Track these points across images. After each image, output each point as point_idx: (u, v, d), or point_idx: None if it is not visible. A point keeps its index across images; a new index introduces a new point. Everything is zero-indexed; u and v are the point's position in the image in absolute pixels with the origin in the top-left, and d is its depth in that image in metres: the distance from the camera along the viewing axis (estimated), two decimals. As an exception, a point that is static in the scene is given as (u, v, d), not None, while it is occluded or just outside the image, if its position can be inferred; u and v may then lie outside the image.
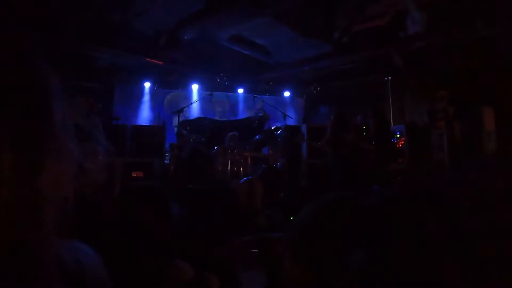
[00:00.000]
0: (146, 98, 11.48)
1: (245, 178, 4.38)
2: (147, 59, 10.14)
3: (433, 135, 7.34)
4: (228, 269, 3.02)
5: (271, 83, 12.04)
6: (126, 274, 1.99)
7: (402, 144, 7.44)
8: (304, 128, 8.92)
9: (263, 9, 8.03)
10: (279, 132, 9.27)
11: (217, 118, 11.98)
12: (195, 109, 11.43)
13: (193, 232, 3.69)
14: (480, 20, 7.83)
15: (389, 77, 10.41)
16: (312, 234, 1.05)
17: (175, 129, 9.75)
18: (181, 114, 9.13)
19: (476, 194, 0.61)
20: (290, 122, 10.09)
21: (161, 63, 10.41)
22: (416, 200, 0.70)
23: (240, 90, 12.17)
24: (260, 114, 10.71)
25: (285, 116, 9.63)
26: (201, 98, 11.07)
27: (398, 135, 7.58)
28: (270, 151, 9.36)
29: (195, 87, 11.71)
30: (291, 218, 6.21)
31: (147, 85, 11.39)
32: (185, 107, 9.73)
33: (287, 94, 12.56)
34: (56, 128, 0.72)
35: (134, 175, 7.85)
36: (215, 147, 8.76)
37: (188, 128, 9.13)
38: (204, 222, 3.81)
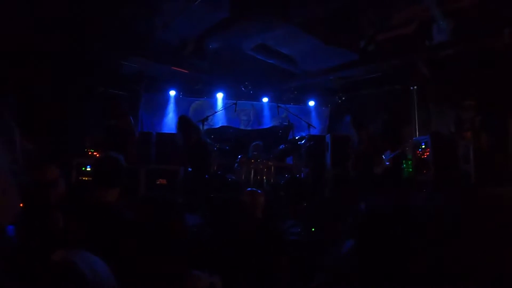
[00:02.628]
0: (172, 106, 11.59)
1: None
2: (173, 67, 10.25)
3: (459, 146, 7.23)
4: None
5: (296, 92, 12.03)
6: (144, 284, 2.02)
7: (427, 155, 7.32)
8: (328, 138, 8.88)
9: (289, 18, 8.04)
10: (303, 142, 9.25)
11: (241, 127, 12.02)
12: (219, 118, 11.50)
13: (212, 242, 3.70)
14: (507, 28, 7.71)
15: (415, 86, 10.30)
16: None
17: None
18: (206, 123, 9.17)
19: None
20: (314, 131, 10.05)
21: (186, 71, 10.51)
22: None
23: (265, 99, 12.18)
24: (285, 123, 10.71)
25: (309, 126, 9.61)
26: (226, 106, 11.10)
27: (423, 146, 7.46)
28: (294, 161, 9.35)
29: (220, 96, 11.77)
30: (312, 229, 6.18)
31: (172, 93, 11.51)
32: (210, 116, 9.79)
33: (312, 103, 12.52)
34: None
35: (158, 182, 7.90)
36: (239, 156, 8.79)
37: (212, 136, 9.19)
38: (222, 231, 3.81)
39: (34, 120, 8.21)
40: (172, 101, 11.56)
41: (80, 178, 7.14)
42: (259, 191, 4.34)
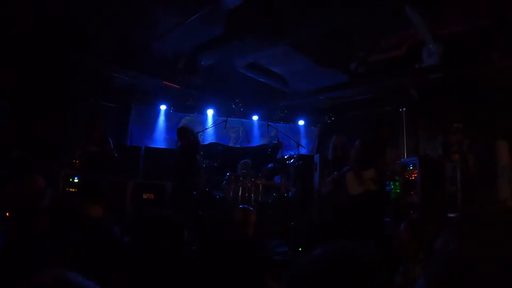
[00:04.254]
0: (162, 120, 11.56)
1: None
2: (165, 82, 10.25)
3: (446, 168, 7.28)
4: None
5: (286, 111, 12.07)
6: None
7: (415, 176, 7.37)
8: (317, 158, 8.90)
9: (282, 38, 8.10)
10: (291, 161, 9.26)
11: (230, 144, 12.01)
12: (209, 134, 11.48)
13: (200, 259, 3.68)
14: (497, 53, 7.83)
15: (404, 109, 10.38)
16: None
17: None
18: (195, 139, 9.14)
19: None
20: (303, 151, 10.06)
21: (178, 86, 10.51)
22: None
23: (255, 117, 12.21)
24: (274, 142, 10.72)
25: (298, 145, 9.63)
26: (216, 123, 11.07)
27: (411, 167, 7.51)
28: (282, 180, 9.35)
29: (210, 112, 11.78)
30: (299, 249, 6.16)
31: (163, 107, 11.48)
32: (199, 132, 9.78)
33: (301, 122, 12.57)
34: None
35: (145, 196, 7.85)
36: (228, 174, 8.77)
37: (201, 153, 9.17)
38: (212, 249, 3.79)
39: (24, 128, 8.17)
40: (162, 115, 11.54)
41: (67, 189, 7.09)
42: (251, 209, 4.34)
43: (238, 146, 12.14)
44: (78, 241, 2.85)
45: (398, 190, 7.81)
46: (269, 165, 9.51)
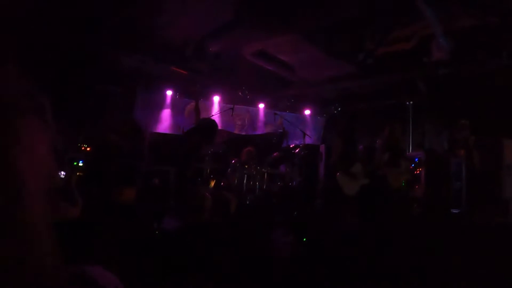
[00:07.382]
0: (167, 106, 11.55)
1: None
2: (172, 67, 10.22)
3: (451, 163, 7.27)
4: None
5: (292, 100, 12.05)
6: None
7: (419, 171, 7.37)
8: (322, 148, 8.89)
9: (290, 26, 8.07)
10: (297, 150, 9.25)
11: (236, 131, 12.00)
12: (215, 121, 11.47)
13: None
14: (506, 50, 7.78)
15: (411, 102, 10.35)
16: None
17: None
18: (201, 125, 9.11)
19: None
20: (309, 141, 10.06)
21: (185, 72, 10.49)
22: None
23: (261, 105, 12.19)
24: (280, 131, 10.70)
25: (304, 134, 9.61)
26: (223, 110, 11.03)
27: (416, 162, 7.51)
28: (287, 169, 9.34)
29: (216, 99, 11.77)
30: (304, 239, 6.18)
31: (169, 93, 11.47)
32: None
33: (307, 112, 12.55)
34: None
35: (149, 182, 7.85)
36: (233, 161, 8.77)
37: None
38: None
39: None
40: (168, 100, 11.53)
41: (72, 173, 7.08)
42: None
43: (243, 133, 12.14)
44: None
45: (402, 184, 7.81)
46: (274, 154, 9.50)
